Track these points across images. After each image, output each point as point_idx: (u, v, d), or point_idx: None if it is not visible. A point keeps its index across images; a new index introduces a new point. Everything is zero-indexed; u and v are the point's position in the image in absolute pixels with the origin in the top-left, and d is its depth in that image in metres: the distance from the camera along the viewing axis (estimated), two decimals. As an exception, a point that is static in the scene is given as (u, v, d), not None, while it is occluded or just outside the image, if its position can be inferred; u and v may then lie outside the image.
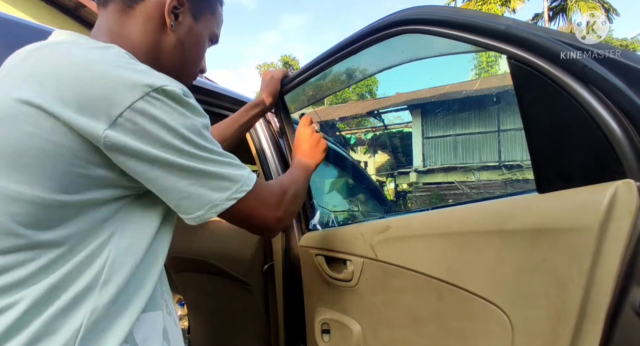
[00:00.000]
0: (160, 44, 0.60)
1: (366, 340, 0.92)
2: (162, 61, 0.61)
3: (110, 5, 0.59)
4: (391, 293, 0.85)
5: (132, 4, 0.58)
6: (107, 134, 0.45)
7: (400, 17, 0.76)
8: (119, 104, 0.45)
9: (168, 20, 0.59)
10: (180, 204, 0.52)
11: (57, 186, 0.45)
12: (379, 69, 0.99)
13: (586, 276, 0.55)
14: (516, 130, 5.53)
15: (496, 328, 0.67)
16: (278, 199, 0.63)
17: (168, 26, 0.59)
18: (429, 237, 0.78)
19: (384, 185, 7.43)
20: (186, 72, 0.67)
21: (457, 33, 0.67)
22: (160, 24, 0.59)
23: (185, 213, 0.52)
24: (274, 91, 1.03)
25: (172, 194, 0.51)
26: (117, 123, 0.45)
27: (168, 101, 0.48)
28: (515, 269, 0.64)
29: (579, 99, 0.56)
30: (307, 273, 1.08)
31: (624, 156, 0.53)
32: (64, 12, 4.71)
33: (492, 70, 13.46)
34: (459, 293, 0.72)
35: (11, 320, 0.43)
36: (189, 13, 0.62)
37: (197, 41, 0.65)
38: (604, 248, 0.54)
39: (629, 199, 0.52)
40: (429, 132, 7.43)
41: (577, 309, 0.56)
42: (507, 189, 2.81)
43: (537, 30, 0.60)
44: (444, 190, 5.38)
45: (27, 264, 0.45)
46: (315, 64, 0.96)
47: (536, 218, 0.61)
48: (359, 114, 9.31)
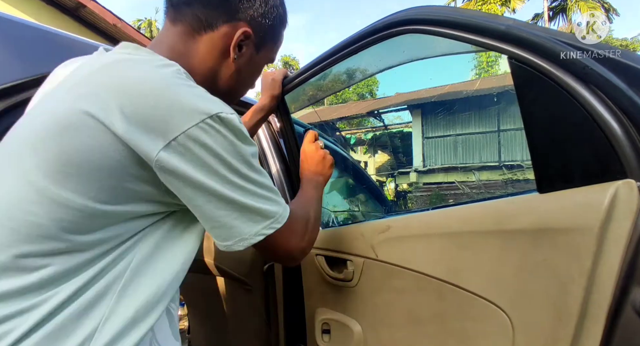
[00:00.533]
0: (220, 70, 0.62)
1: (366, 340, 0.92)
2: (217, 85, 0.63)
3: (179, 26, 0.60)
4: (392, 293, 0.85)
5: (201, 31, 0.59)
6: (160, 156, 0.46)
7: (400, 17, 0.76)
8: (175, 129, 0.46)
9: (232, 53, 0.61)
10: (212, 231, 0.54)
11: (104, 197, 0.47)
12: (379, 69, 0.99)
13: (587, 276, 0.55)
14: (516, 130, 5.54)
15: (497, 328, 0.67)
16: (302, 230, 0.64)
17: (231, 58, 0.61)
18: (430, 237, 0.78)
19: (384, 185, 7.43)
20: (238, 96, 0.70)
21: (457, 33, 0.67)
22: (224, 53, 0.61)
23: (216, 239, 0.55)
24: (276, 93, 1.03)
25: (207, 220, 0.53)
26: (170, 146, 0.46)
27: (221, 128, 0.49)
28: (516, 269, 0.64)
29: (580, 99, 0.56)
30: (307, 273, 1.08)
31: (625, 156, 0.53)
32: (64, 12, 4.71)
33: (492, 70, 13.46)
34: (459, 293, 0.72)
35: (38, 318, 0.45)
36: (253, 45, 0.63)
37: (255, 71, 0.68)
38: (604, 248, 0.54)
39: (629, 199, 0.52)
40: (429, 132, 7.44)
41: (578, 309, 0.56)
42: (508, 189, 2.81)
43: (537, 31, 0.60)
44: (444, 190, 5.38)
45: (62, 264, 0.46)
46: (315, 64, 0.96)
47: (537, 218, 0.61)
48: (359, 114, 9.32)
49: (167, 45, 0.60)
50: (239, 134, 0.51)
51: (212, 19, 0.58)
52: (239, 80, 0.65)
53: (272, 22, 0.64)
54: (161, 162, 0.47)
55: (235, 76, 0.64)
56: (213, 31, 0.59)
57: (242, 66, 0.63)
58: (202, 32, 0.59)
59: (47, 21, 4.17)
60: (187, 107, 0.47)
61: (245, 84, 0.68)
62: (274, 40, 0.67)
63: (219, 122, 0.49)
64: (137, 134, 0.46)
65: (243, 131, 0.52)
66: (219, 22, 0.59)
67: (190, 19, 0.59)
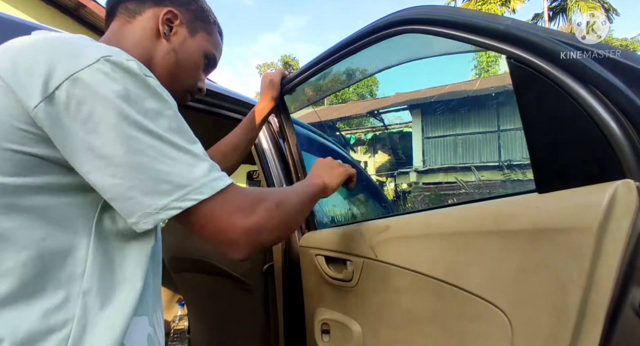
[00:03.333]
0: (154, 50, 0.64)
1: (366, 340, 0.92)
2: (153, 68, 0.64)
3: (113, 22, 0.65)
4: (391, 293, 0.85)
5: (131, 18, 0.64)
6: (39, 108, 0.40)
7: (400, 16, 0.76)
8: (58, 76, 0.41)
9: (161, 29, 0.64)
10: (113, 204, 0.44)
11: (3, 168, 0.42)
12: (379, 69, 0.99)
13: (586, 277, 0.55)
14: (516, 130, 5.53)
15: (496, 329, 0.67)
16: (249, 206, 0.50)
17: (161, 34, 0.64)
18: (429, 237, 0.78)
19: (384, 185, 7.43)
20: (179, 83, 0.69)
21: (456, 33, 0.67)
22: (155, 33, 0.64)
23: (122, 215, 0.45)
24: (275, 94, 1.03)
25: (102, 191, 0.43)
26: (53, 97, 0.40)
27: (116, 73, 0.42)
28: (515, 269, 0.64)
29: (579, 99, 0.56)
30: (307, 273, 1.08)
31: (623, 156, 0.53)
32: (64, 12, 4.71)
33: (492, 70, 13.45)
34: (458, 293, 0.72)
35: None
36: (184, 28, 0.67)
37: (191, 53, 0.68)
38: (603, 248, 0.54)
39: (628, 199, 0.52)
40: (429, 132, 7.43)
41: (577, 309, 0.56)
42: (507, 189, 2.81)
43: (537, 30, 0.60)
44: (444, 190, 5.38)
45: None
46: (315, 63, 0.96)
47: (536, 218, 0.61)
48: (359, 114, 9.31)
49: (103, 39, 0.64)
50: (138, 79, 0.44)
51: (140, 6, 0.64)
52: (177, 61, 0.66)
53: (197, 7, 0.69)
54: (39, 117, 0.40)
55: (172, 55, 0.65)
56: (142, 15, 0.64)
57: (176, 46, 0.66)
58: (132, 20, 0.64)
59: (47, 21, 4.17)
60: (74, 52, 0.43)
61: (184, 68, 0.67)
62: (206, 30, 0.70)
63: (109, 65, 0.42)
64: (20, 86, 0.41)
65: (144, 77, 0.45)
66: (146, 7, 0.64)
67: (122, 12, 0.64)
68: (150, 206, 0.42)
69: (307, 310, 1.08)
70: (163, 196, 0.43)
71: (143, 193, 0.42)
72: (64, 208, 0.45)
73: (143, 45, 0.63)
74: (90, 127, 0.41)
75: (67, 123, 0.41)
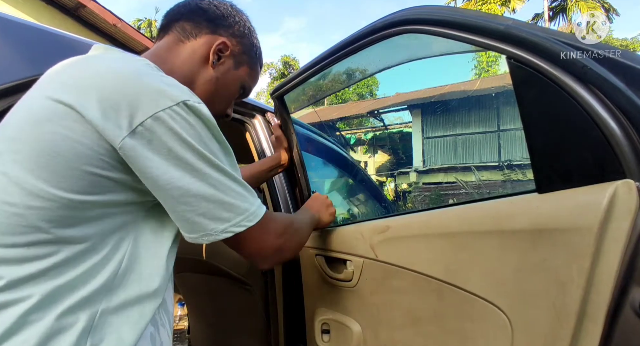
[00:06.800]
0: (198, 74, 0.66)
1: (366, 340, 0.92)
2: (193, 89, 0.65)
3: (166, 37, 0.67)
4: (391, 293, 0.85)
5: (185, 39, 0.66)
6: (125, 142, 0.46)
7: (399, 17, 0.76)
8: (142, 114, 0.47)
9: (211, 58, 0.66)
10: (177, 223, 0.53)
11: (79, 186, 0.46)
12: (379, 69, 0.99)
13: (586, 276, 0.55)
14: (516, 130, 5.53)
15: (496, 328, 0.67)
16: (280, 231, 0.62)
17: (210, 63, 0.66)
18: (429, 237, 0.78)
19: (384, 185, 7.43)
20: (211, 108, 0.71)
21: (456, 33, 0.67)
22: (204, 59, 0.66)
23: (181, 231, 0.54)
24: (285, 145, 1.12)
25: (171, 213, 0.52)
26: (136, 132, 0.46)
27: (189, 116, 0.49)
28: (515, 269, 0.64)
29: (579, 99, 0.56)
30: (307, 273, 1.08)
31: (624, 156, 0.53)
32: (64, 12, 4.71)
33: (492, 70, 13.46)
34: (458, 293, 0.72)
35: (22, 311, 0.44)
36: (231, 59, 0.69)
37: (231, 83, 0.71)
38: (603, 248, 0.54)
39: (628, 199, 0.52)
40: (429, 132, 7.43)
41: (577, 309, 0.56)
42: (507, 189, 2.81)
43: (537, 31, 0.60)
44: (444, 190, 5.37)
45: (47, 258, 0.46)
46: (314, 64, 0.96)
47: (536, 218, 0.61)
48: (359, 114, 9.32)
49: (151, 52, 0.66)
50: (209, 124, 0.51)
51: (196, 29, 0.66)
52: (216, 89, 0.68)
53: (248, 42, 0.71)
54: (125, 149, 0.46)
55: (213, 83, 0.67)
56: (196, 39, 0.66)
57: (219, 75, 0.68)
58: (185, 41, 0.66)
59: (47, 21, 4.17)
60: (154, 93, 0.48)
61: (220, 96, 0.70)
62: (250, 65, 0.73)
63: (186, 109, 0.49)
64: (105, 120, 0.46)
65: (213, 121, 0.52)
66: (202, 33, 0.66)
67: (177, 30, 0.66)
68: (213, 230, 0.52)
69: (307, 309, 1.08)
70: (224, 221, 0.52)
71: (209, 218, 0.51)
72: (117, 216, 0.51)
73: (189, 67, 0.65)
74: (170, 162, 0.48)
75: (149, 156, 0.47)
